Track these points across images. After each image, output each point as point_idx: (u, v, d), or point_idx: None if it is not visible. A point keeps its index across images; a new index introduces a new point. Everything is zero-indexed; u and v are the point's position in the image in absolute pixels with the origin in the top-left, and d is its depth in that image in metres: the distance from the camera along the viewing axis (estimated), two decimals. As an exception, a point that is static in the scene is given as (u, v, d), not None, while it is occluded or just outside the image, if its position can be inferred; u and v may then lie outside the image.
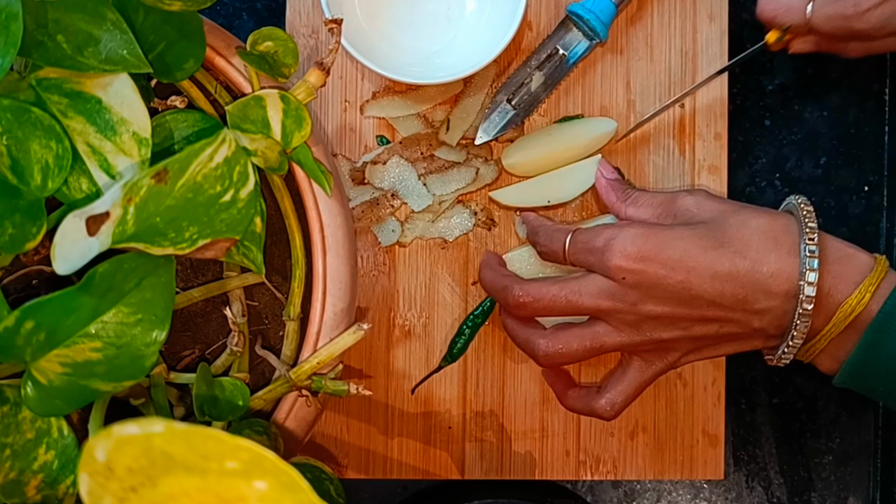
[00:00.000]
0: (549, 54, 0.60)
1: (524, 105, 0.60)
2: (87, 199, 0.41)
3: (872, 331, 0.48)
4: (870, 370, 0.49)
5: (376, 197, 0.60)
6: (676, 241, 0.49)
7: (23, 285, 0.47)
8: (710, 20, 0.61)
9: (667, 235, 0.50)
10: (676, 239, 0.49)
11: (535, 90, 0.60)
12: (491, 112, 0.60)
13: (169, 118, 0.45)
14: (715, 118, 0.61)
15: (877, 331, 0.48)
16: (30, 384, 0.38)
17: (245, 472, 0.26)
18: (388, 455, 0.61)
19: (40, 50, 0.39)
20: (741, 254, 0.49)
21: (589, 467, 0.61)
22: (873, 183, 0.63)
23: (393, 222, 0.60)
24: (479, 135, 0.60)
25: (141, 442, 0.26)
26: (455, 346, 0.60)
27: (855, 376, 0.50)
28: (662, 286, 0.49)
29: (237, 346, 0.48)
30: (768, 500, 0.64)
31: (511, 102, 0.60)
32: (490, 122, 0.60)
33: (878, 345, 0.48)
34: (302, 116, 0.45)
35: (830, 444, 0.63)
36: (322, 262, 0.47)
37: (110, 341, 0.39)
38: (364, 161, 0.60)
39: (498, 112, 0.60)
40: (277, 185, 0.48)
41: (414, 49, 0.60)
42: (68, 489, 0.41)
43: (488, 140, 0.60)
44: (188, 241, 0.38)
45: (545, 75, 0.60)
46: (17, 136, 0.39)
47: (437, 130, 0.60)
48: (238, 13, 0.64)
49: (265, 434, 0.45)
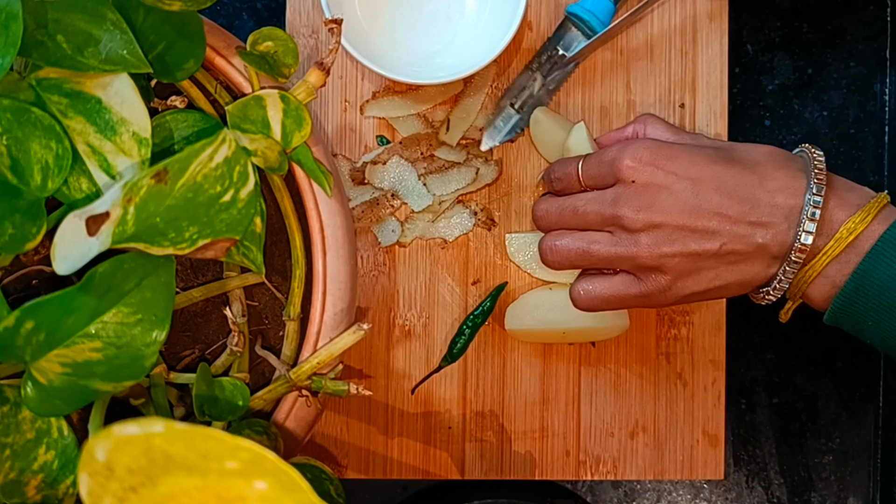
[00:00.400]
0: (549, 56, 0.60)
1: (528, 109, 0.60)
2: (87, 199, 0.41)
3: (868, 257, 0.48)
4: (861, 300, 0.48)
5: (376, 197, 0.60)
6: (687, 152, 0.51)
7: (23, 285, 0.47)
8: (710, 20, 0.61)
9: (678, 147, 0.51)
10: (687, 150, 0.51)
11: (538, 93, 0.60)
12: (495, 117, 0.60)
13: (169, 118, 0.45)
14: (715, 118, 0.61)
15: (872, 258, 0.48)
16: (30, 384, 0.38)
17: (245, 472, 0.25)
18: (388, 455, 0.61)
19: (40, 50, 0.39)
20: (750, 168, 0.50)
21: (589, 467, 0.61)
22: (873, 183, 0.63)
23: (393, 222, 0.60)
24: (485, 140, 0.60)
25: (141, 442, 0.26)
26: (455, 346, 0.60)
27: (846, 308, 0.49)
28: (669, 191, 0.50)
29: (237, 347, 0.48)
30: (768, 500, 0.64)
31: (514, 107, 0.60)
32: (495, 127, 0.60)
33: (871, 272, 0.48)
34: (302, 116, 0.45)
35: (830, 444, 0.63)
36: (322, 263, 0.47)
37: (110, 341, 0.39)
38: (364, 161, 0.60)
39: (502, 117, 0.60)
40: (277, 186, 0.48)
41: (414, 49, 0.60)
42: (68, 489, 0.41)
43: (495, 145, 0.60)
44: (188, 241, 0.38)
45: (547, 78, 0.60)
46: (17, 136, 0.39)
47: (437, 130, 0.60)
48: (238, 13, 0.64)
49: (265, 434, 0.45)
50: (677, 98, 0.61)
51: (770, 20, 0.64)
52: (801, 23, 0.64)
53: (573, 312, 0.56)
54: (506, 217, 0.61)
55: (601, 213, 0.52)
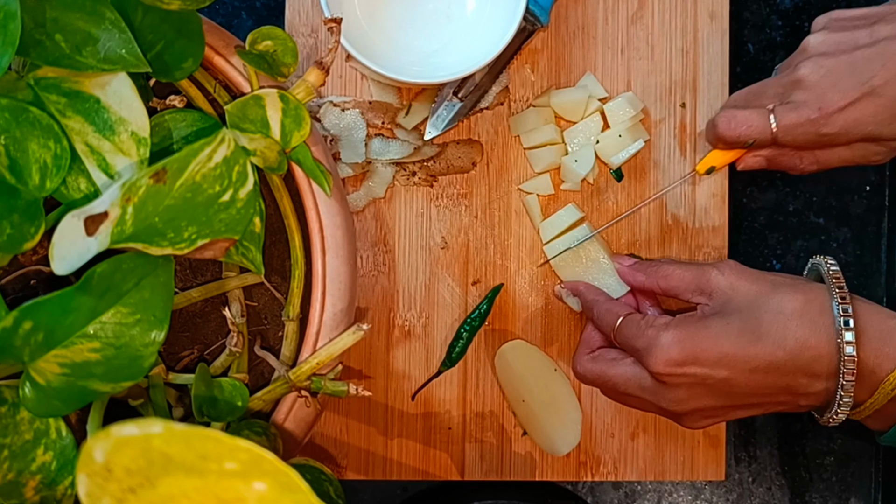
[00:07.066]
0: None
1: (471, 96, 0.60)
2: (85, 198, 0.41)
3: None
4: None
5: (321, 136, 0.60)
6: (714, 341, 0.49)
7: (21, 285, 0.46)
8: (711, 19, 0.61)
9: (704, 336, 0.50)
10: (714, 338, 0.49)
11: (481, 80, 0.60)
12: (438, 106, 0.60)
13: (168, 118, 0.45)
14: (716, 118, 0.61)
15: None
16: (28, 385, 0.38)
17: (244, 473, 0.25)
18: (388, 456, 0.60)
19: (38, 49, 0.39)
20: (780, 346, 0.49)
21: (589, 468, 0.61)
22: (875, 183, 0.63)
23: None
24: (428, 129, 0.60)
25: (140, 443, 0.26)
26: (453, 350, 0.60)
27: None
28: (705, 385, 0.50)
29: (236, 347, 0.48)
30: (769, 500, 0.63)
31: (458, 95, 0.60)
32: (438, 116, 0.60)
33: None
34: (301, 116, 0.44)
35: (832, 444, 0.63)
36: (321, 263, 0.47)
37: (109, 342, 0.39)
38: (329, 99, 0.60)
39: (445, 106, 0.60)
40: (277, 185, 0.48)
41: (413, 48, 0.60)
42: (67, 490, 0.41)
43: (437, 134, 0.60)
44: (187, 241, 0.38)
45: (488, 65, 0.59)
46: (15, 136, 0.39)
47: (399, 110, 0.61)
48: (237, 12, 0.63)
49: (264, 435, 0.45)
50: (678, 97, 0.61)
51: (771, 19, 0.64)
52: (802, 22, 0.64)
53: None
54: (506, 217, 0.61)
55: (642, 398, 0.53)
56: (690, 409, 0.51)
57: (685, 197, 0.61)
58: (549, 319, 0.61)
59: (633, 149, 0.60)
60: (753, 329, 0.49)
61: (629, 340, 0.52)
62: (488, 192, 0.61)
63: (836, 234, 0.64)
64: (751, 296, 0.51)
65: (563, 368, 0.61)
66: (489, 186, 0.61)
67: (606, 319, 0.55)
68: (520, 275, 0.61)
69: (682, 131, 0.61)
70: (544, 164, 0.60)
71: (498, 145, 0.61)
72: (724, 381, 0.49)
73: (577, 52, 0.62)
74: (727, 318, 0.50)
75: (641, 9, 0.62)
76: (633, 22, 0.61)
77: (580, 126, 0.60)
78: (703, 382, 0.50)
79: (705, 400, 0.51)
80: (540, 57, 0.62)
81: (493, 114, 0.61)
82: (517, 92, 0.61)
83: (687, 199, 0.61)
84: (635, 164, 0.61)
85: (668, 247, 0.61)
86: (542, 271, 0.61)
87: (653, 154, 0.61)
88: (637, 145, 0.60)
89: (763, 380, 0.49)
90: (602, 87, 0.61)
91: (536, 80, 0.62)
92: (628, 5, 0.61)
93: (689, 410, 0.51)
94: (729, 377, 0.49)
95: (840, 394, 0.48)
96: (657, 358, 0.50)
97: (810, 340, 0.48)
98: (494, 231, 0.61)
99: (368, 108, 0.60)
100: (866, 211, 0.63)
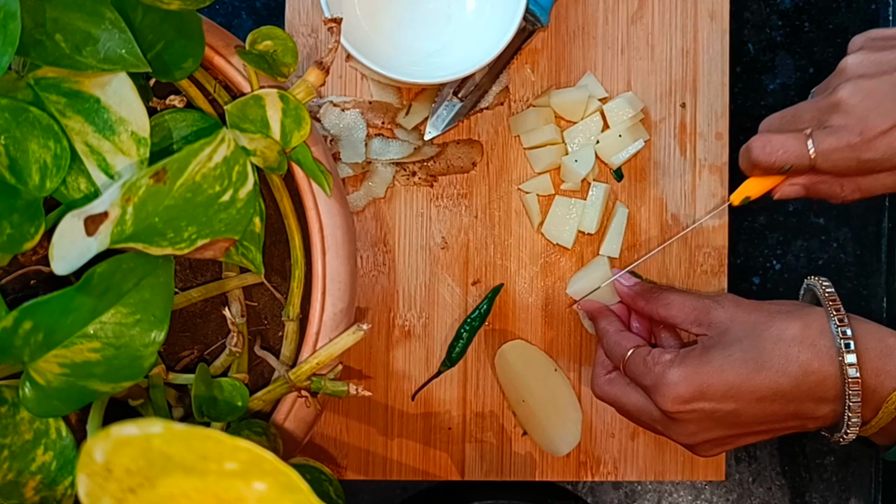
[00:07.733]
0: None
1: (471, 96, 0.60)
2: (85, 198, 0.41)
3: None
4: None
5: (321, 136, 0.60)
6: (719, 374, 0.49)
7: (21, 285, 0.46)
8: (712, 19, 0.61)
9: (708, 371, 0.50)
10: (718, 371, 0.50)
11: (481, 81, 0.60)
12: (438, 106, 0.60)
13: (168, 118, 0.45)
14: (716, 118, 0.61)
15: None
16: (28, 385, 0.38)
17: (244, 473, 0.25)
18: (388, 456, 0.60)
19: (38, 49, 0.39)
20: (783, 372, 0.49)
21: (589, 468, 0.61)
22: (874, 183, 0.63)
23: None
24: (428, 129, 0.60)
25: (139, 443, 0.26)
26: (453, 350, 0.60)
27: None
28: (713, 418, 0.50)
29: (236, 347, 0.48)
30: (769, 500, 0.63)
31: (458, 95, 0.60)
32: (438, 116, 0.60)
33: None
34: (301, 116, 0.44)
35: (832, 444, 0.63)
36: (321, 263, 0.47)
37: (109, 342, 0.39)
38: (330, 99, 0.60)
39: (445, 106, 0.60)
40: (277, 185, 0.48)
41: (413, 48, 0.60)
42: (67, 490, 0.41)
43: (437, 134, 0.60)
44: (187, 241, 0.38)
45: (488, 65, 0.59)
46: (15, 136, 0.39)
47: (399, 110, 0.61)
48: (237, 12, 0.63)
49: (264, 435, 0.45)
50: (678, 97, 0.61)
51: (771, 19, 0.64)
52: (802, 22, 0.64)
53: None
54: (506, 217, 0.61)
55: (654, 427, 0.53)
56: (701, 440, 0.52)
57: (685, 197, 0.61)
58: (549, 319, 0.61)
59: (634, 149, 0.60)
60: (755, 358, 0.49)
61: (637, 378, 0.53)
62: (488, 192, 0.61)
63: (836, 234, 0.64)
64: (749, 325, 0.51)
65: (563, 368, 0.61)
66: (489, 186, 0.61)
67: (615, 352, 0.55)
68: (520, 275, 0.61)
69: (682, 131, 0.61)
70: (544, 164, 0.60)
71: (498, 145, 0.61)
72: (733, 413, 0.50)
73: (577, 52, 0.62)
74: (728, 350, 0.50)
75: (641, 9, 0.62)
76: (633, 22, 0.61)
77: (580, 126, 0.60)
78: (711, 416, 0.50)
79: (715, 431, 0.51)
80: (540, 57, 0.62)
81: (493, 114, 0.61)
82: (517, 92, 0.61)
83: (687, 199, 0.61)
84: (635, 164, 0.61)
85: (668, 247, 0.61)
86: (543, 272, 0.61)
87: (653, 154, 0.61)
88: (637, 145, 0.60)
89: (770, 408, 0.49)
90: (602, 87, 0.61)
91: (536, 80, 0.62)
92: (628, 5, 0.61)
93: (700, 442, 0.52)
94: (737, 409, 0.49)
95: (848, 415, 0.48)
96: (665, 396, 0.50)
97: (812, 364, 0.48)
98: (494, 231, 0.61)
99: (368, 108, 0.61)
100: (866, 211, 0.63)
